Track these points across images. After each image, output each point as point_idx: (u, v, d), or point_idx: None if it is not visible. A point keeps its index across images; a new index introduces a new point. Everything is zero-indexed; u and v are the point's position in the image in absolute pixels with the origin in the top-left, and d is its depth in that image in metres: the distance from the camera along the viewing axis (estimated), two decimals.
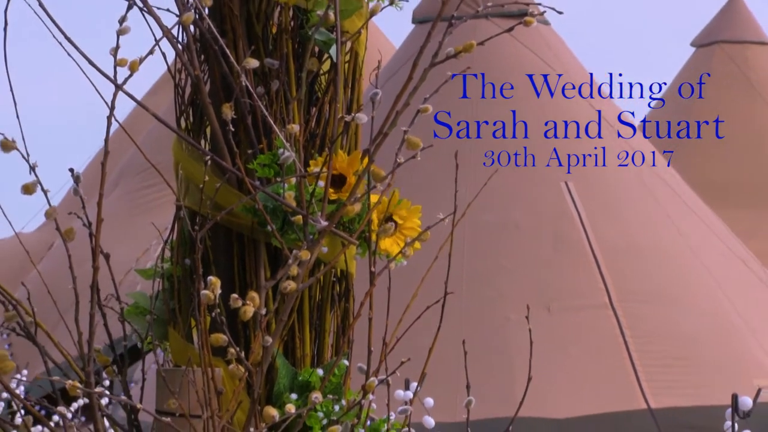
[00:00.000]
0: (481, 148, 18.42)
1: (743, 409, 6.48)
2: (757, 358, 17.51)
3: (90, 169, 20.12)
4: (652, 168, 20.10)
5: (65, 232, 2.82)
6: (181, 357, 2.93)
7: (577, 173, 18.65)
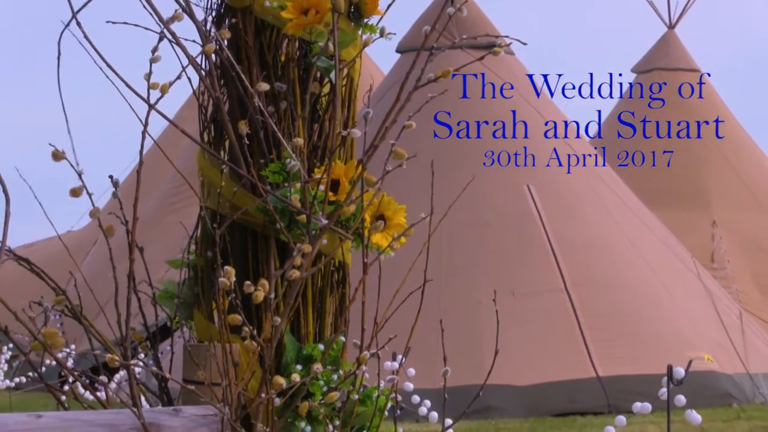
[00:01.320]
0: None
1: (677, 377, 6.47)
2: (688, 334, 17.53)
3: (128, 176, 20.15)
4: (599, 174, 20.11)
5: (106, 230, 2.80)
6: (203, 334, 2.92)
7: (537, 177, 18.66)
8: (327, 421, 2.79)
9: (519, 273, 17.14)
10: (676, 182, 27.45)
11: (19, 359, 16.16)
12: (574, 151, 19.64)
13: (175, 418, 2.69)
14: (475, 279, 16.44)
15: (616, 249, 18.44)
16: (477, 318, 15.39)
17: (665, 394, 6.52)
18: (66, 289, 2.86)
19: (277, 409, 2.75)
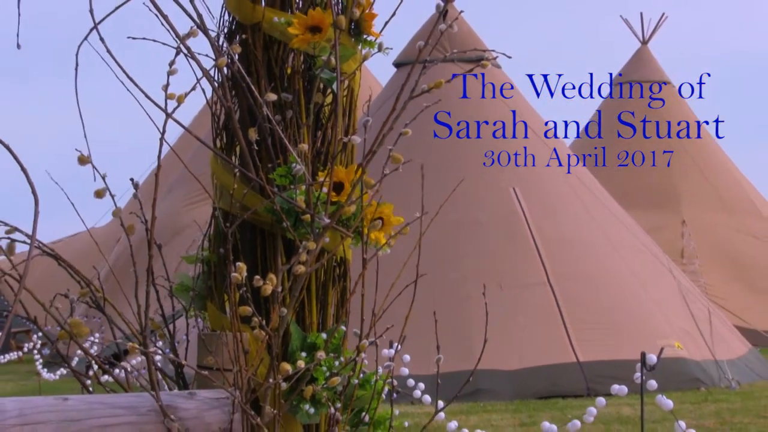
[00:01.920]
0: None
1: (650, 363, 6.46)
2: (660, 323, 17.54)
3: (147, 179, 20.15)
4: (576, 175, 20.12)
5: (128, 228, 2.80)
6: (216, 324, 2.92)
7: (521, 179, 18.67)
8: (329, 404, 2.79)
9: (505, 268, 17.15)
10: (649, 184, 27.51)
11: (47, 347, 16.16)
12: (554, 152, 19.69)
13: (190, 401, 2.69)
14: (465, 273, 16.44)
15: (594, 245, 18.46)
16: (467, 309, 15.37)
17: (639, 378, 6.52)
18: (90, 282, 2.86)
19: (284, 392, 2.75)
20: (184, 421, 2.65)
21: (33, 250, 2.59)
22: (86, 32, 2.71)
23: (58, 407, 2.59)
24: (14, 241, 2.70)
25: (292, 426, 2.79)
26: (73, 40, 2.73)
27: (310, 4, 2.92)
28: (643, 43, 30.44)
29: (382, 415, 2.93)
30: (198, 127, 8.68)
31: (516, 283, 17.01)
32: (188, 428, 2.65)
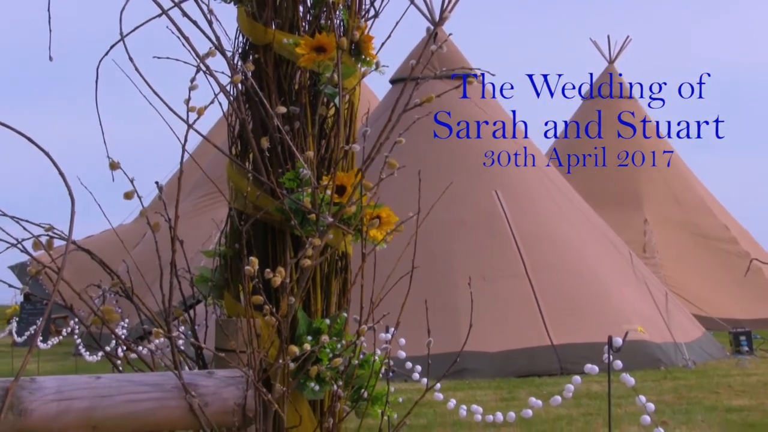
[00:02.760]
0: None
1: (616, 345, 6.46)
2: (624, 311, 17.55)
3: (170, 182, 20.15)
4: (550, 178, 20.14)
5: (153, 226, 2.79)
6: (232, 311, 2.91)
7: (502, 183, 18.69)
8: (332, 382, 2.79)
9: (488, 261, 17.17)
10: (615, 187, 27.55)
11: (82, 331, 16.15)
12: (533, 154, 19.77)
13: (209, 379, 2.68)
14: (453, 266, 16.45)
15: (566, 241, 18.49)
16: (455, 298, 15.39)
17: (606, 358, 6.53)
18: (119, 274, 2.86)
19: (292, 372, 2.74)
20: (204, 396, 2.64)
21: (69, 245, 2.59)
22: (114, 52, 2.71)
23: (91, 385, 2.59)
24: (52, 237, 2.70)
25: (299, 401, 2.78)
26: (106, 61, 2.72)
27: (315, 28, 2.92)
28: (610, 62, 30.48)
29: (379, 391, 2.92)
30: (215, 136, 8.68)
31: (497, 275, 17.04)
32: (207, 403, 2.64)
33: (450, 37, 17.54)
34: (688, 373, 16.74)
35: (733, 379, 15.78)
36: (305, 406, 2.80)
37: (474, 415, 7.62)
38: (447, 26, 17.99)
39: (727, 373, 16.68)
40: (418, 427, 10.92)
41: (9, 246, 2.66)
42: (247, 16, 2.92)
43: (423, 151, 16.97)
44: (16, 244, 2.66)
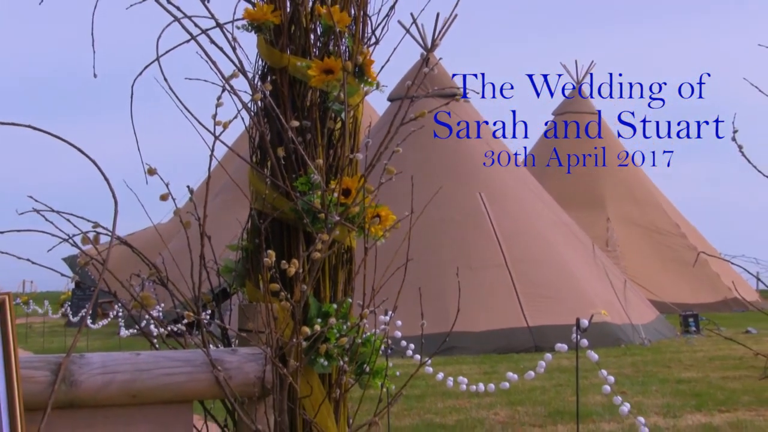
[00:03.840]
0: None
1: (582, 326, 6.44)
2: (590, 297, 17.55)
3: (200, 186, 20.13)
4: (524, 181, 20.14)
5: (185, 224, 2.78)
6: (252, 297, 2.90)
7: (486, 185, 18.68)
8: (339, 358, 2.78)
9: (473, 254, 17.20)
10: (581, 189, 27.58)
11: (125, 314, 16.14)
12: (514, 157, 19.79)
13: (233, 356, 2.67)
14: (443, 258, 16.46)
15: (540, 236, 18.51)
16: (445, 285, 15.39)
17: (574, 338, 6.52)
18: (156, 265, 2.85)
19: (304, 349, 2.73)
20: (228, 371, 2.63)
21: (113, 240, 2.58)
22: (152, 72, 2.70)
23: (132, 360, 2.58)
24: (98, 233, 2.69)
25: (310, 375, 2.77)
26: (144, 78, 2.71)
27: (324, 53, 2.91)
28: (578, 83, 30.48)
29: (379, 366, 2.91)
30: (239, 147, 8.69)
31: (481, 265, 17.06)
32: (231, 377, 2.63)
33: (440, 61, 17.55)
34: (644, 350, 16.75)
35: (682, 355, 15.79)
36: (315, 378, 2.80)
37: (460, 386, 7.62)
38: (437, 52, 18.00)
39: (677, 350, 16.69)
40: (413, 397, 10.91)
41: (62, 241, 2.65)
42: (266, 42, 2.90)
43: (417, 159, 16.96)
44: (68, 239, 2.66)
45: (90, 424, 2.55)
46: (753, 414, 10.03)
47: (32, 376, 2.45)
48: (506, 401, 10.87)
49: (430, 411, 10.41)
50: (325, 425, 2.78)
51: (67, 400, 2.49)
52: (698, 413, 10.12)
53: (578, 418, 6.70)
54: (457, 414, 10.25)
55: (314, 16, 2.90)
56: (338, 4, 2.88)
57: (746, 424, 9.37)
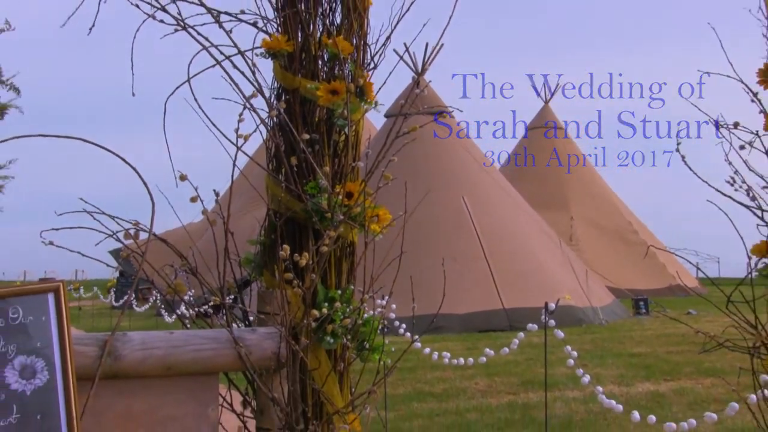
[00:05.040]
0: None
1: (550, 309, 6.43)
2: (556, 283, 17.54)
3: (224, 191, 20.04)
4: (501, 186, 20.12)
5: (211, 222, 2.77)
6: (269, 284, 2.89)
7: (468, 190, 18.68)
8: (343, 336, 2.77)
9: (457, 247, 17.19)
10: (547, 191, 27.59)
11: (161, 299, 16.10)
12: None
13: (253, 334, 2.66)
14: (431, 251, 16.42)
15: (514, 232, 18.51)
16: (432, 274, 15.32)
17: (543, 319, 6.51)
18: (187, 257, 2.84)
19: (314, 329, 2.72)
20: (249, 347, 2.62)
21: (150, 236, 2.57)
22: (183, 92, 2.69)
23: (167, 338, 2.57)
24: (138, 230, 2.68)
25: (318, 351, 2.76)
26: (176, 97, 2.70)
27: (330, 76, 2.90)
28: (547, 101, 30.50)
29: (377, 343, 2.90)
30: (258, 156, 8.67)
31: (464, 257, 17.07)
32: (251, 352, 2.62)
33: (429, 83, 17.54)
34: (602, 329, 16.76)
35: (634, 333, 15.79)
36: (323, 354, 2.79)
37: (443, 359, 7.62)
38: (426, 75, 18.00)
39: (630, 329, 16.70)
40: (406, 369, 10.90)
41: (107, 236, 2.65)
42: (280, 67, 2.89)
43: (409, 168, 16.94)
44: (112, 235, 2.65)
45: (131, 392, 2.54)
46: (693, 382, 10.04)
47: (83, 351, 2.45)
48: (485, 373, 10.86)
49: (420, 381, 10.41)
50: (331, 393, 2.77)
51: (112, 371, 2.48)
52: (647, 382, 10.13)
53: (546, 387, 6.69)
54: (444, 384, 10.25)
55: (322, 45, 2.88)
56: (342, 35, 2.87)
57: (687, 391, 9.38)
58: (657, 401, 8.87)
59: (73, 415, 2.32)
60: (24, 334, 2.34)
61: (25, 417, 2.28)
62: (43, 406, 2.30)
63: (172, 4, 2.72)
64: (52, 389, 2.32)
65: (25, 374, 2.31)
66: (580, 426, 7.84)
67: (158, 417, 2.55)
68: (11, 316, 2.34)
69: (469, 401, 9.19)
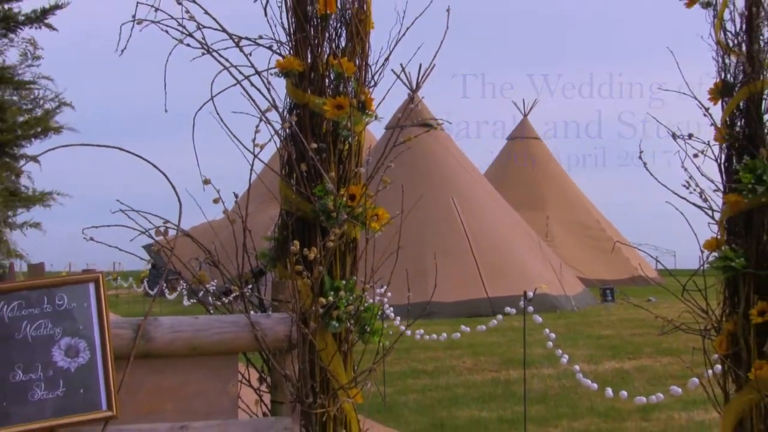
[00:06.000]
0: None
1: (528, 297, 6.43)
2: (534, 274, 17.53)
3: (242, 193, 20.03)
4: (485, 189, 20.10)
5: (231, 221, 2.78)
6: (282, 275, 2.88)
7: (457, 191, 18.66)
8: (347, 321, 2.77)
9: (447, 243, 17.18)
10: (526, 193, 27.56)
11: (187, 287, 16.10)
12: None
13: (267, 319, 2.66)
14: (424, 247, 16.42)
15: (497, 230, 18.51)
16: (425, 267, 15.32)
17: (522, 305, 6.52)
18: (210, 251, 2.84)
19: (321, 314, 2.72)
20: (264, 330, 2.63)
21: (178, 233, 2.57)
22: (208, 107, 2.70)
23: (192, 322, 2.57)
24: (167, 228, 2.68)
25: (325, 333, 2.76)
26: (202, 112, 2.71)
27: (336, 93, 2.90)
28: (525, 115, 30.47)
29: (377, 327, 2.90)
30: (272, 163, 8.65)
31: (453, 252, 17.06)
32: (266, 335, 2.62)
33: (422, 99, 17.53)
34: (574, 315, 16.77)
35: (602, 318, 15.81)
36: (329, 336, 2.78)
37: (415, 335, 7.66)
38: (420, 92, 18.00)
39: (598, 314, 16.71)
40: (402, 350, 10.90)
41: (141, 233, 2.66)
42: (292, 85, 2.89)
43: (405, 173, 16.93)
44: (145, 232, 2.66)
45: (161, 370, 2.54)
46: (652, 360, 10.06)
47: (119, 334, 2.45)
48: (471, 352, 10.87)
49: (414, 360, 10.41)
50: (337, 371, 2.77)
51: (145, 351, 2.48)
52: (613, 360, 10.14)
53: (525, 365, 6.69)
54: (435, 362, 10.26)
55: (328, 66, 2.88)
56: (346, 57, 2.87)
57: (647, 368, 9.39)
58: (622, 377, 8.88)
59: (111, 390, 2.33)
60: (69, 318, 2.35)
61: (70, 390, 2.29)
62: (85, 381, 2.31)
63: (198, 31, 2.72)
64: (92, 367, 2.33)
65: (70, 353, 2.32)
66: (554, 399, 7.86)
67: (185, 391, 2.55)
68: (57, 303, 2.35)
69: (457, 377, 9.19)
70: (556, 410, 7.35)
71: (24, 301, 2.32)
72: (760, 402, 2.96)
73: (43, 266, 2.47)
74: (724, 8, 3.07)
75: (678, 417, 7.02)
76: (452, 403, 7.77)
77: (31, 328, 2.31)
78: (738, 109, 3.08)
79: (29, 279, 2.41)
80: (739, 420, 3.02)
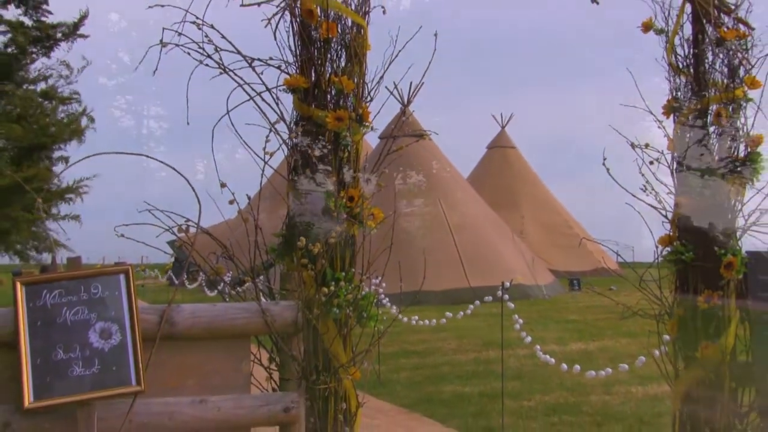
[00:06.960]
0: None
1: (506, 286, 6.43)
2: (510, 266, 17.54)
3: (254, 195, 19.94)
4: (467, 191, 20.10)
5: (245, 220, 2.78)
6: (289, 267, 2.88)
7: (442, 194, 18.67)
8: (346, 308, 2.77)
9: (434, 240, 17.18)
10: (503, 195, 27.58)
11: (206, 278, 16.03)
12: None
13: (276, 306, 2.66)
14: (414, 242, 16.43)
15: (478, 227, 18.53)
16: (415, 260, 15.31)
17: (501, 294, 6.52)
18: (226, 246, 2.83)
19: (323, 302, 2.72)
20: (273, 316, 2.63)
21: (198, 230, 2.57)
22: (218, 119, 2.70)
23: (211, 309, 2.57)
24: (189, 226, 2.68)
25: (327, 319, 2.76)
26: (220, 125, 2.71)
27: (337, 107, 2.90)
28: (503, 127, 30.49)
29: (373, 313, 2.90)
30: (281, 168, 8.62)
31: (439, 248, 17.06)
32: (275, 320, 2.62)
33: (413, 112, 17.52)
34: (545, 302, 16.80)
35: (570, 305, 15.85)
36: (331, 321, 2.78)
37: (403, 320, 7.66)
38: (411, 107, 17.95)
39: (566, 302, 16.75)
40: (395, 333, 10.88)
41: (165, 230, 2.65)
42: (298, 100, 2.89)
43: (398, 177, 16.93)
44: (169, 229, 2.65)
45: (183, 351, 2.54)
46: (613, 342, 10.09)
47: (146, 319, 2.45)
48: (455, 335, 10.88)
49: (406, 342, 10.42)
50: (337, 352, 2.77)
51: (168, 334, 2.48)
52: (579, 342, 10.17)
53: (502, 346, 6.71)
54: (424, 344, 10.27)
55: (330, 83, 2.88)
56: (346, 75, 2.87)
57: (609, 348, 9.42)
58: (587, 356, 8.91)
59: (140, 367, 2.34)
60: (102, 305, 2.35)
61: (104, 368, 2.31)
62: (117, 360, 2.32)
63: (216, 53, 2.72)
64: (123, 347, 2.34)
65: (104, 336, 2.33)
66: (528, 376, 7.88)
67: (204, 369, 2.56)
68: (93, 291, 2.35)
69: (443, 357, 9.21)
70: (530, 386, 7.38)
71: (64, 290, 2.34)
72: (705, 377, 2.99)
73: (80, 259, 2.47)
74: (675, 34, 3.09)
75: (636, 390, 7.08)
76: (439, 380, 7.79)
77: (70, 313, 2.32)
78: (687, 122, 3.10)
79: (68, 270, 2.41)
80: (687, 392, 3.04)
